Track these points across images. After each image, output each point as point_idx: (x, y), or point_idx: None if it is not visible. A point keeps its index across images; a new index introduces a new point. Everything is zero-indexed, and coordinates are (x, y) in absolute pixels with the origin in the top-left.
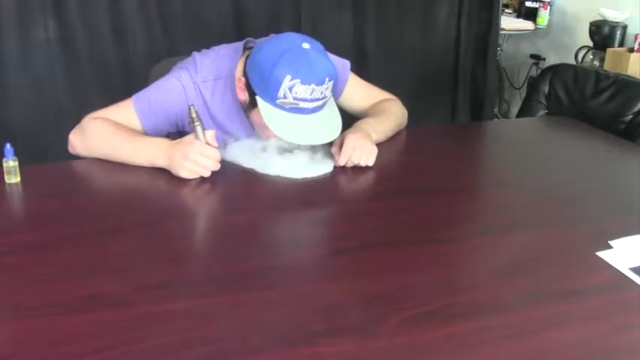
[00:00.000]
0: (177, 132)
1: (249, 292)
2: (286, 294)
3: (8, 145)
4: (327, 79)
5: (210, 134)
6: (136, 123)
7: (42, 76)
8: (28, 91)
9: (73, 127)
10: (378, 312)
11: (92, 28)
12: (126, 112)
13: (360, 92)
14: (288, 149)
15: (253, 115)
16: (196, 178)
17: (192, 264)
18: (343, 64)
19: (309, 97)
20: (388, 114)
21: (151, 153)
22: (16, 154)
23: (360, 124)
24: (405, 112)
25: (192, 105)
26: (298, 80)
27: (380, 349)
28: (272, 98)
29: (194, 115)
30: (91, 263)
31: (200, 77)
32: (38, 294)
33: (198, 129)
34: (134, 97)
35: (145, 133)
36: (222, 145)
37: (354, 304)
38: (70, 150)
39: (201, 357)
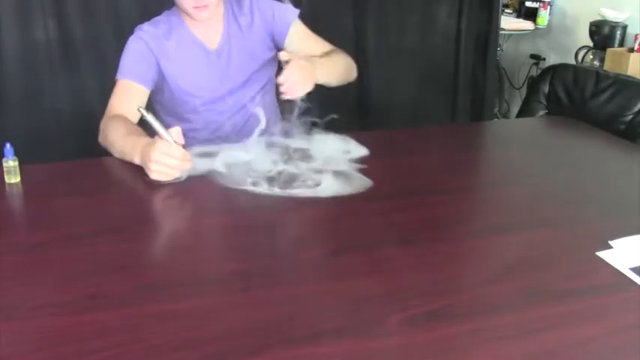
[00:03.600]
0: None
1: (249, 292)
2: (286, 294)
3: (8, 145)
4: None
5: (176, 131)
6: (132, 88)
7: (42, 76)
8: (27, 91)
9: (72, 127)
10: (378, 312)
11: (92, 28)
12: (120, 88)
13: (307, 39)
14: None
15: None
16: (196, 178)
17: (192, 264)
18: (292, 9)
19: None
20: (337, 58)
21: (131, 152)
22: (16, 153)
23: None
24: (354, 64)
25: (140, 107)
26: None
27: (380, 349)
28: None
29: (147, 117)
30: (91, 263)
31: (150, 25)
32: (38, 294)
33: (159, 129)
34: (117, 75)
35: (146, 91)
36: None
37: (353, 304)
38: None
39: (201, 357)
